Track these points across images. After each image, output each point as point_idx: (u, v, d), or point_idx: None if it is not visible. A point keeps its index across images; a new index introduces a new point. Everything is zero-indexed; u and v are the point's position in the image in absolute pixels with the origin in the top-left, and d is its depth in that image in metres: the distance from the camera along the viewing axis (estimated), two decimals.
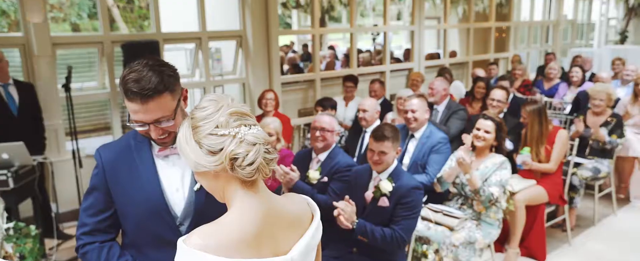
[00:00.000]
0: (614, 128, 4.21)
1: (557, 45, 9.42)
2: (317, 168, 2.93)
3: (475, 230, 3.00)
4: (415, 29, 6.91)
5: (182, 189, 1.45)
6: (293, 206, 1.22)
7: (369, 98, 3.99)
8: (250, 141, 1.09)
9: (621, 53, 9.03)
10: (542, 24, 9.45)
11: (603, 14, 10.74)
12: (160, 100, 1.32)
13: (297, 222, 1.19)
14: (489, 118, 3.10)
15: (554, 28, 9.50)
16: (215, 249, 1.02)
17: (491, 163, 3.08)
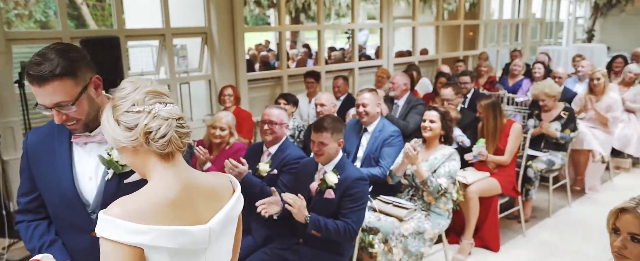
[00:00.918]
0: (567, 122, 4.32)
1: (526, 43, 9.59)
2: (267, 161, 2.95)
3: (424, 220, 3.05)
4: (384, 26, 6.98)
5: (95, 178, 1.46)
6: (214, 180, 1.29)
7: (326, 93, 4.03)
8: (164, 116, 1.15)
9: (587, 51, 9.27)
10: (512, 23, 9.62)
11: (571, 13, 10.97)
12: (58, 84, 1.33)
13: (217, 194, 1.26)
14: (433, 108, 3.16)
15: (523, 26, 9.68)
16: (133, 216, 1.07)
17: (440, 155, 3.14)
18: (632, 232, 1.49)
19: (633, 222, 1.50)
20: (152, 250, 1.09)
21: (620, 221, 1.53)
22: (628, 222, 1.51)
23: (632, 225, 1.49)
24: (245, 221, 2.94)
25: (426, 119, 3.18)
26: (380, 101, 3.53)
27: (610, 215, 1.57)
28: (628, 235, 1.50)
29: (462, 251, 3.69)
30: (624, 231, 1.51)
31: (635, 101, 5.43)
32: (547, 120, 4.34)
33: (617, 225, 1.54)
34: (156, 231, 1.08)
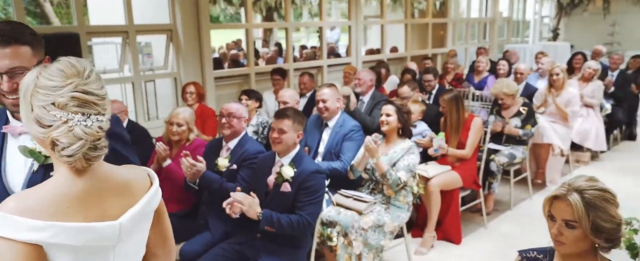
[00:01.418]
0: (527, 118, 4.42)
1: (493, 41, 9.78)
2: (226, 156, 2.93)
3: (384, 213, 3.08)
4: (353, 24, 7.01)
5: (24, 169, 1.42)
6: (129, 174, 1.21)
7: (289, 90, 4.03)
8: (78, 134, 1.03)
9: (552, 49, 9.51)
10: (479, 21, 9.79)
11: (537, 12, 11.24)
12: (21, 50, 1.36)
13: (130, 189, 1.18)
14: (389, 102, 3.20)
15: (490, 25, 9.86)
16: (30, 211, 0.99)
17: (400, 148, 3.17)
18: (565, 219, 1.53)
19: (565, 209, 1.53)
20: (52, 247, 1.01)
21: (554, 208, 1.56)
22: (561, 209, 1.54)
23: (565, 212, 1.53)
24: (203, 217, 2.93)
25: (383, 113, 3.21)
26: (340, 96, 3.55)
27: (545, 203, 1.60)
28: (562, 222, 1.54)
29: (425, 244, 3.73)
30: (558, 218, 1.55)
31: (594, 97, 5.60)
32: (508, 116, 4.43)
33: (552, 212, 1.57)
34: (56, 227, 1.00)
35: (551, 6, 11.26)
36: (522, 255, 1.76)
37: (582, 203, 1.50)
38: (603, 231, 1.50)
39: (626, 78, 6.28)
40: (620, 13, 10.37)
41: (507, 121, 4.43)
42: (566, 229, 1.53)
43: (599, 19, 10.57)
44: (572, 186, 1.54)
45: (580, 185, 1.54)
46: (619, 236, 1.54)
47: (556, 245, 1.58)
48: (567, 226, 1.53)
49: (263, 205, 2.60)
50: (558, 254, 1.65)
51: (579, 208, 1.50)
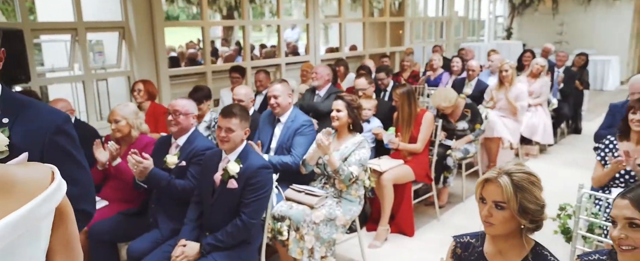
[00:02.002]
0: (473, 119, 4.55)
1: (450, 40, 10.03)
2: (175, 153, 2.89)
3: (335, 207, 3.11)
4: (311, 22, 7.04)
5: None
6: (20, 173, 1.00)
7: (244, 87, 4.01)
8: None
9: (505, 47, 9.84)
10: (436, 20, 10.01)
11: (491, 12, 11.60)
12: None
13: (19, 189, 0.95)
14: (339, 98, 3.24)
15: (447, 24, 10.11)
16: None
17: (351, 143, 3.21)
18: (495, 200, 1.60)
19: (495, 191, 1.60)
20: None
21: (485, 191, 1.63)
22: (492, 191, 1.61)
23: (495, 194, 1.60)
24: (153, 216, 2.89)
25: (333, 108, 3.24)
26: (291, 91, 3.57)
27: (477, 186, 1.67)
28: (493, 203, 1.61)
29: (379, 237, 3.80)
30: (489, 200, 1.62)
31: (542, 93, 5.83)
32: (454, 120, 4.55)
33: (483, 194, 1.64)
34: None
35: (504, 6, 11.64)
36: (456, 240, 1.82)
37: (511, 184, 1.58)
38: (528, 212, 1.58)
39: (571, 75, 6.57)
40: (568, 14, 10.83)
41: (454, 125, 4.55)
42: (496, 210, 1.60)
43: (548, 18, 11.00)
44: (502, 170, 1.62)
45: (509, 168, 1.62)
46: (542, 218, 1.62)
47: (486, 227, 1.64)
48: (496, 207, 1.60)
49: (210, 203, 2.60)
50: (488, 237, 1.73)
51: (508, 189, 1.57)
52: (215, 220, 2.58)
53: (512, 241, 1.66)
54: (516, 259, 1.66)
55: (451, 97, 4.29)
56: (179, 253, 2.49)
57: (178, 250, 2.51)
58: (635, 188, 1.47)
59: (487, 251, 1.72)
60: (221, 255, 2.49)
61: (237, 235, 2.50)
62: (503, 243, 1.67)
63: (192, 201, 2.72)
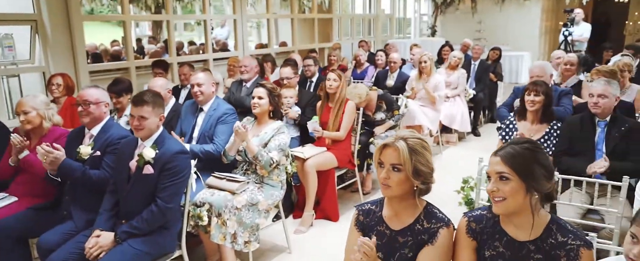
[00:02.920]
0: (389, 108, 4.76)
1: (378, 37, 10.36)
2: (89, 143, 2.82)
3: (257, 192, 3.16)
4: (238, 18, 7.03)
5: None
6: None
7: (160, 79, 3.97)
8: None
9: (429, 44, 10.29)
10: (364, 18, 10.31)
11: (416, 10, 12.11)
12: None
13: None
14: (260, 85, 3.30)
15: (374, 22, 10.44)
16: None
17: (270, 129, 3.28)
18: (393, 163, 1.73)
19: (393, 154, 1.73)
20: None
21: (383, 155, 1.76)
22: (389, 155, 1.74)
23: (392, 157, 1.73)
24: (66, 208, 2.80)
25: (255, 96, 3.30)
26: (214, 81, 3.58)
27: (376, 152, 1.79)
28: (390, 166, 1.74)
29: (304, 223, 3.89)
30: (387, 163, 1.74)
31: (459, 84, 6.19)
32: (371, 113, 4.73)
33: (381, 159, 1.77)
34: None
35: (428, 5, 12.18)
36: (358, 208, 1.94)
37: (406, 148, 1.72)
38: (421, 174, 1.72)
39: (485, 67, 7.02)
40: (485, 12, 11.54)
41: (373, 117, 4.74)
42: (393, 172, 1.73)
43: (468, 17, 11.66)
44: (398, 136, 1.76)
45: (405, 135, 1.78)
46: (431, 182, 1.78)
47: (384, 189, 1.77)
48: (393, 169, 1.73)
49: (125, 190, 2.56)
50: (386, 201, 1.86)
51: (404, 152, 1.71)
52: (131, 208, 2.54)
53: (406, 202, 1.80)
54: (410, 218, 1.80)
55: (361, 93, 4.45)
56: (93, 243, 2.43)
57: (92, 240, 2.45)
58: (506, 146, 1.65)
59: (386, 215, 1.86)
60: (137, 241, 2.46)
61: (153, 220, 2.48)
62: (398, 204, 1.81)
63: (108, 190, 2.67)
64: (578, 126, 3.28)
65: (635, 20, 12.40)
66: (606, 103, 3.16)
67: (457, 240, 1.77)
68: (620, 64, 4.65)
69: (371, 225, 1.89)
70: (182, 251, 2.75)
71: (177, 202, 2.59)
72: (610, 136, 3.16)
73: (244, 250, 3.08)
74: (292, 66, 4.48)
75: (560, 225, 1.63)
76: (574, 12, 8.25)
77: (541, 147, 1.68)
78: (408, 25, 12.34)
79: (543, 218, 1.65)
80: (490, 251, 1.69)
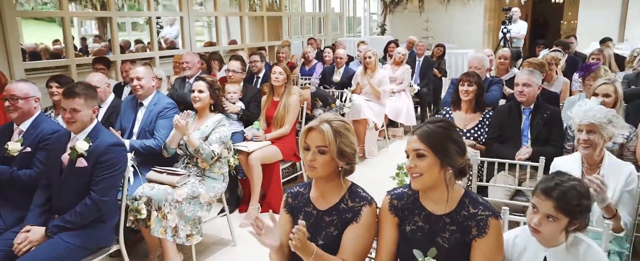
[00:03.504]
0: (324, 102, 4.85)
1: (328, 35, 10.48)
2: (18, 139, 2.74)
3: (198, 185, 3.16)
4: (184, 15, 6.94)
5: None
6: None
7: (97, 74, 3.87)
8: None
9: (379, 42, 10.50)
10: (313, 16, 10.41)
11: (366, 9, 12.34)
12: None
13: None
14: (200, 79, 3.30)
15: (324, 20, 10.56)
16: None
17: (211, 122, 3.29)
18: (318, 145, 1.80)
19: (318, 137, 1.80)
20: None
21: (309, 138, 1.82)
22: (315, 138, 1.80)
23: (318, 139, 1.80)
24: None
25: (195, 89, 3.29)
26: (155, 76, 3.54)
27: (302, 136, 1.85)
28: (316, 148, 1.80)
29: (249, 216, 3.91)
30: (312, 146, 1.81)
31: (404, 79, 6.37)
32: (310, 110, 4.82)
33: (307, 142, 1.83)
34: None
35: (378, 4, 12.44)
36: (288, 191, 2.00)
37: (331, 130, 1.79)
38: (345, 155, 1.80)
39: (429, 63, 7.26)
40: (432, 11, 11.90)
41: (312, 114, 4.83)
42: (318, 155, 1.80)
43: (416, 16, 11.99)
44: (322, 119, 1.83)
45: (329, 118, 1.85)
46: (354, 162, 1.86)
47: (310, 171, 1.83)
48: (319, 152, 1.79)
49: (58, 184, 2.51)
50: (314, 183, 1.93)
51: (329, 134, 1.78)
52: (64, 202, 2.49)
53: (332, 183, 1.87)
54: (336, 198, 1.88)
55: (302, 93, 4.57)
56: (21, 239, 2.37)
57: (20, 236, 2.39)
58: (422, 125, 1.75)
59: (313, 196, 1.93)
60: (69, 235, 2.41)
61: (87, 214, 2.44)
62: (324, 185, 1.88)
63: (39, 186, 2.60)
64: (506, 114, 3.48)
65: (569, 20, 13.13)
66: (530, 92, 3.37)
67: (381, 217, 1.86)
68: (548, 57, 4.95)
69: (299, 206, 1.95)
70: (120, 245, 2.72)
71: (113, 195, 2.56)
72: (534, 123, 3.37)
73: (186, 243, 3.07)
74: (241, 61, 4.49)
75: (473, 198, 1.74)
76: (511, 10, 8.66)
77: (454, 124, 1.79)
78: (358, 24, 12.55)
79: (457, 192, 1.76)
80: (410, 226, 1.79)
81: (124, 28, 14.72)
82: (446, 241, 1.71)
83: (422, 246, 1.71)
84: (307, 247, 1.71)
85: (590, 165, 2.51)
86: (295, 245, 1.69)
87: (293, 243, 1.69)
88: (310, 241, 1.78)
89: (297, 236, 1.68)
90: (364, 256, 1.87)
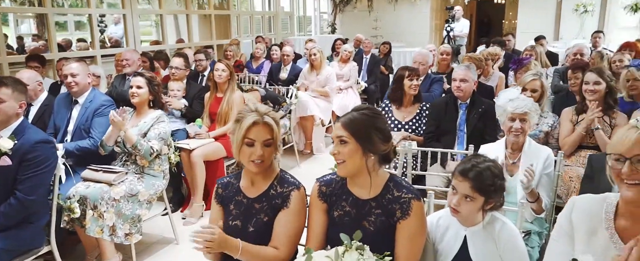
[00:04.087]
0: (274, 102, 4.88)
1: (278, 34, 10.48)
2: None
3: (137, 182, 3.10)
4: (127, 13, 6.76)
5: None
6: None
7: (28, 71, 3.73)
8: None
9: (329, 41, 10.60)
10: (263, 15, 10.39)
11: (316, 8, 12.43)
12: None
13: None
14: (138, 74, 3.25)
15: (274, 19, 10.55)
16: None
17: (149, 118, 3.23)
18: (266, 139, 1.84)
19: (263, 130, 1.83)
20: None
21: (253, 134, 1.83)
22: (260, 132, 1.83)
23: (265, 133, 1.83)
24: None
25: (133, 85, 3.23)
26: (90, 72, 3.44)
27: (244, 130, 1.82)
28: (262, 143, 1.83)
29: (193, 214, 3.88)
30: (258, 141, 1.83)
31: (351, 76, 6.48)
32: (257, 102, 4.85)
33: (253, 137, 1.83)
34: None
35: (328, 3, 12.54)
36: (218, 182, 2.02)
37: (274, 123, 1.86)
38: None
39: (376, 61, 7.41)
40: (381, 11, 12.14)
41: None
42: (265, 148, 1.83)
43: (365, 15, 12.18)
44: (260, 112, 1.86)
45: (264, 110, 1.89)
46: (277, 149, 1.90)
47: (257, 165, 1.85)
48: (265, 145, 1.83)
49: None
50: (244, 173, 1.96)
51: (275, 127, 1.84)
52: None
53: (264, 173, 1.90)
54: (265, 185, 1.91)
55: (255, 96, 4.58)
56: None
57: None
58: (347, 114, 1.81)
59: (243, 185, 1.95)
60: None
61: (12, 214, 2.35)
62: (255, 175, 1.90)
63: None
64: (443, 108, 3.60)
65: (510, 19, 13.73)
66: (467, 87, 3.50)
67: (310, 203, 1.90)
68: (485, 53, 5.18)
69: (229, 196, 1.96)
70: (52, 246, 2.63)
71: (41, 194, 2.47)
72: (470, 117, 3.51)
73: (124, 242, 3.01)
74: (184, 58, 4.43)
75: (397, 182, 1.81)
76: (454, 9, 8.97)
77: (379, 112, 1.86)
78: (309, 24, 12.61)
79: (382, 177, 1.82)
80: (338, 211, 1.84)
81: (67, 27, 14.17)
82: (372, 224, 1.77)
83: (350, 231, 1.76)
84: (229, 246, 1.74)
85: (513, 150, 2.65)
86: (209, 251, 1.70)
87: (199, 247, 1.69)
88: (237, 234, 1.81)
89: (207, 245, 1.68)
90: (297, 240, 1.91)
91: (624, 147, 1.34)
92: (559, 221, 1.61)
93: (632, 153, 1.33)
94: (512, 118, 2.61)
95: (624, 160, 1.34)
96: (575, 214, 1.55)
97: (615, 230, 1.46)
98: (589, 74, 3.26)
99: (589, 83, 3.23)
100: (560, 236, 1.58)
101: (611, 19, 10.24)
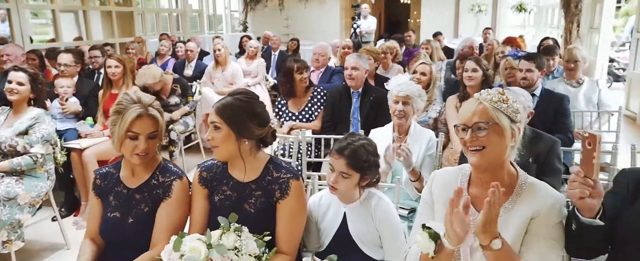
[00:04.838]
0: (183, 92, 4.75)
1: (186, 32, 10.20)
2: None
3: (15, 185, 2.87)
4: (12, 7, 6.24)
5: None
6: None
7: None
8: None
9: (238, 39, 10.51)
10: (170, 12, 10.05)
11: (227, 7, 12.24)
12: None
13: None
14: (20, 69, 3.01)
15: (182, 17, 10.26)
16: None
17: (27, 118, 2.99)
18: (151, 132, 1.80)
19: (149, 123, 1.79)
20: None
21: (139, 126, 1.78)
22: (147, 125, 1.79)
23: (150, 125, 1.80)
24: None
25: (13, 80, 2.98)
26: None
27: (126, 124, 1.76)
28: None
29: (87, 217, 3.66)
30: (144, 134, 1.78)
31: (259, 72, 6.47)
32: (166, 96, 4.65)
33: (138, 131, 1.78)
34: None
35: (238, 1, 12.41)
36: (96, 173, 1.95)
37: (159, 115, 1.83)
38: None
39: (285, 57, 7.47)
40: (292, 9, 12.25)
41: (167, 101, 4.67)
42: (149, 140, 1.80)
43: (277, 13, 12.22)
44: (145, 103, 1.81)
45: (148, 101, 1.84)
46: None
47: (140, 158, 1.80)
48: (149, 138, 1.79)
49: None
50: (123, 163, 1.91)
51: (160, 119, 1.82)
52: None
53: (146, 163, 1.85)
54: (146, 176, 1.87)
55: (156, 74, 4.38)
56: None
57: None
58: (223, 99, 1.83)
59: (123, 175, 1.89)
60: None
61: None
62: (136, 165, 1.85)
63: None
64: (338, 97, 3.72)
65: (415, 18, 14.47)
66: (358, 75, 3.64)
67: (193, 190, 1.89)
68: (383, 46, 5.41)
69: (109, 187, 1.89)
70: None
71: None
72: (363, 105, 3.66)
73: (3, 251, 2.78)
74: (74, 54, 4.16)
75: (277, 163, 1.85)
76: (361, 7, 9.27)
77: (255, 97, 1.87)
78: (220, 22, 12.40)
79: (261, 159, 1.84)
80: (219, 196, 1.84)
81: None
82: (252, 206, 1.79)
83: (230, 214, 1.77)
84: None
85: (400, 133, 2.80)
86: None
87: None
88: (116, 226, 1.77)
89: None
90: (180, 230, 1.88)
91: (466, 117, 1.48)
92: (422, 196, 1.73)
93: (472, 122, 1.46)
94: (395, 101, 2.76)
95: (467, 129, 1.47)
96: (435, 185, 1.68)
97: None
98: (467, 63, 3.53)
99: (467, 71, 3.50)
100: (424, 209, 1.70)
101: (501, 18, 11.16)
